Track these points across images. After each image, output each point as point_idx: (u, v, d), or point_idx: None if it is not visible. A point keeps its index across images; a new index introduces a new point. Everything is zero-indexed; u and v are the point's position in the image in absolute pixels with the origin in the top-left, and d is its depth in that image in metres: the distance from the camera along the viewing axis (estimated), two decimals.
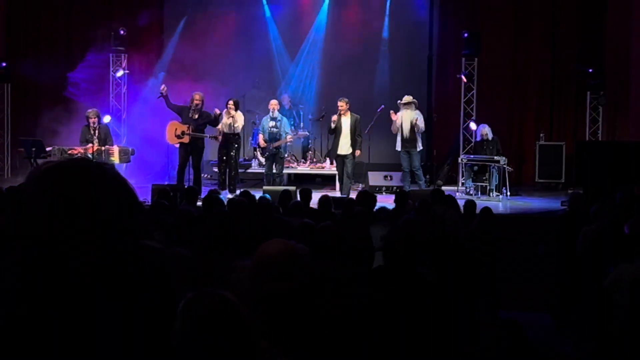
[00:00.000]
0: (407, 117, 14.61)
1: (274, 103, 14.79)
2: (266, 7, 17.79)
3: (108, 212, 1.69)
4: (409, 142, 14.60)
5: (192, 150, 14.02)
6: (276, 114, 14.66)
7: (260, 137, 14.67)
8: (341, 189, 14.55)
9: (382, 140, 15.18)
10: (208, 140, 14.43)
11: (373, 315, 4.20)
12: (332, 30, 17.80)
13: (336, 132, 14.37)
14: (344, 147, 14.35)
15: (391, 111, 14.65)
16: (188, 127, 13.88)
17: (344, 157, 14.38)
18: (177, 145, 14.21)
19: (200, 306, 2.26)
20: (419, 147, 14.68)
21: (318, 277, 4.41)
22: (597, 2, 16.71)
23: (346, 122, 14.31)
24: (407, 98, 14.75)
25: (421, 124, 14.62)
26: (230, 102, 14.30)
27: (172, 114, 14.38)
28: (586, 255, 7.75)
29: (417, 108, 14.81)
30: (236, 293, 2.41)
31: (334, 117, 14.35)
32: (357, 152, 14.27)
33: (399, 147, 14.71)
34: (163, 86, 14.06)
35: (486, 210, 9.41)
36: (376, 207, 9.43)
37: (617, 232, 7.60)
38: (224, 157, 14.38)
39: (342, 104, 14.32)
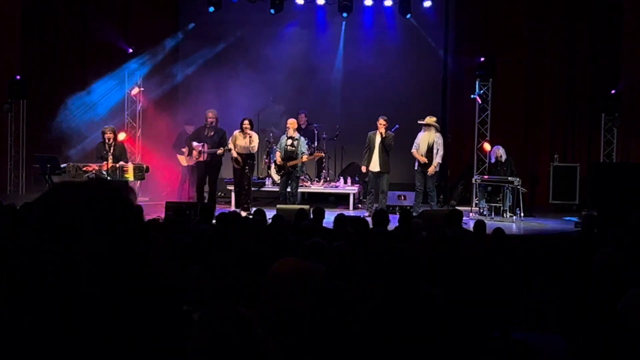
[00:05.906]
0: (424, 139, 14.59)
1: (291, 122, 14.81)
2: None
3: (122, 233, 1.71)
4: (424, 163, 14.58)
5: (209, 167, 14.16)
6: (293, 133, 14.67)
7: (278, 154, 14.74)
8: (369, 203, 14.60)
9: (396, 160, 15.16)
10: (225, 158, 14.54)
11: (381, 332, 4.20)
12: (347, 50, 17.84)
13: (369, 148, 14.45)
14: (375, 164, 14.38)
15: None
16: (203, 145, 14.06)
17: (375, 174, 14.41)
18: (194, 164, 14.41)
19: (214, 321, 2.27)
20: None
21: (332, 295, 4.41)
22: (613, 23, 16.69)
23: (379, 139, 14.33)
24: (428, 119, 14.74)
25: (439, 152, 14.57)
26: (246, 121, 14.38)
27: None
28: (601, 277, 7.71)
29: (438, 131, 14.77)
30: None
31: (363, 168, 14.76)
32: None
33: (416, 166, 14.71)
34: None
35: (498, 231, 9.37)
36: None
37: (634, 254, 7.58)
38: (240, 176, 14.50)
39: (382, 122, 14.32)
